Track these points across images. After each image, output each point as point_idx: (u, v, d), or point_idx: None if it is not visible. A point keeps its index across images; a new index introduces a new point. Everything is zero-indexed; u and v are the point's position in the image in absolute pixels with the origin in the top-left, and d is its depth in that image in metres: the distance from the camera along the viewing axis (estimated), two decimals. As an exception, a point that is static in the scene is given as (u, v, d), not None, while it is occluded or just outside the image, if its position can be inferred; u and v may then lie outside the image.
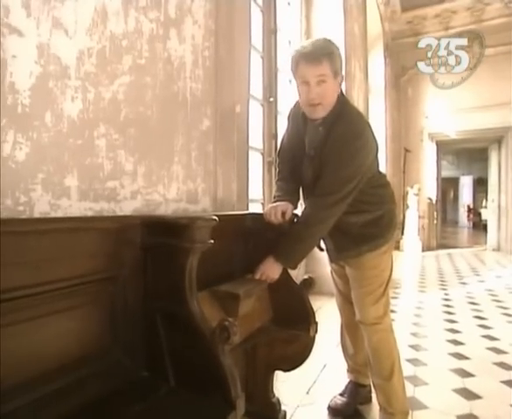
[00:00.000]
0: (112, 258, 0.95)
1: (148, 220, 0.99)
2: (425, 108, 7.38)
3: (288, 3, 3.36)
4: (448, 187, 15.06)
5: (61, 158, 0.90)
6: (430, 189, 7.46)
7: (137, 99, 1.12)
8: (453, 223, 15.42)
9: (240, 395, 0.89)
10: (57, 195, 0.89)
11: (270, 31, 2.95)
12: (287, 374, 1.59)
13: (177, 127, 1.29)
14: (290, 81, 3.25)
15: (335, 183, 1.23)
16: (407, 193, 7.01)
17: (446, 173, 12.66)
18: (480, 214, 13.04)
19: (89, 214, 0.96)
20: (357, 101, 4.50)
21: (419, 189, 6.93)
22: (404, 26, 7.30)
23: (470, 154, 13.05)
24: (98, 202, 0.99)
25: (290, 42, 3.36)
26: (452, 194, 15.97)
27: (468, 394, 1.80)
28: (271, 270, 1.27)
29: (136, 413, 0.89)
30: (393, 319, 2.95)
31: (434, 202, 7.50)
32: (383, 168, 7.01)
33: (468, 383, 1.91)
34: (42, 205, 0.86)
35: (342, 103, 1.29)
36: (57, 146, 0.89)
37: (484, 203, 11.25)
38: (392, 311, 3.22)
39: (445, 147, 8.32)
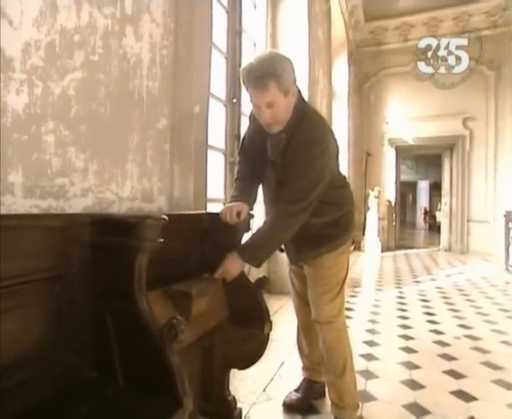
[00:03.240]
0: (59, 257, 0.94)
1: (98, 218, 0.99)
2: (386, 114, 7.77)
3: (254, 6, 3.41)
4: (407, 190, 15.94)
5: (4, 153, 0.87)
6: (389, 192, 7.86)
7: (90, 95, 1.10)
8: (412, 225, 16.32)
9: (188, 393, 0.90)
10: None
11: (235, 33, 2.98)
12: (246, 372, 1.62)
13: (132, 126, 1.28)
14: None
15: (300, 191, 1.26)
16: (368, 195, 7.34)
17: (405, 177, 13.40)
18: (435, 216, 13.93)
19: (35, 211, 0.94)
20: (321, 106, 4.66)
21: (379, 192, 7.28)
22: (367, 36, 7.64)
23: (427, 160, 13.89)
24: (45, 200, 0.97)
25: (255, 44, 3.41)
26: (410, 197, 16.90)
27: (414, 385, 1.94)
28: (232, 265, 1.30)
29: (82, 415, 0.88)
30: (351, 317, 3.11)
31: (393, 204, 7.91)
32: (345, 171, 7.31)
33: (415, 375, 2.06)
34: (-19, 202, 0.83)
35: (303, 110, 1.29)
36: (-1, 140, 0.86)
37: (439, 206, 12.00)
38: (351, 309, 3.37)
39: (404, 153, 8.79)
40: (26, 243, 0.85)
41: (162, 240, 0.96)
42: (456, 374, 2.06)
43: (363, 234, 7.36)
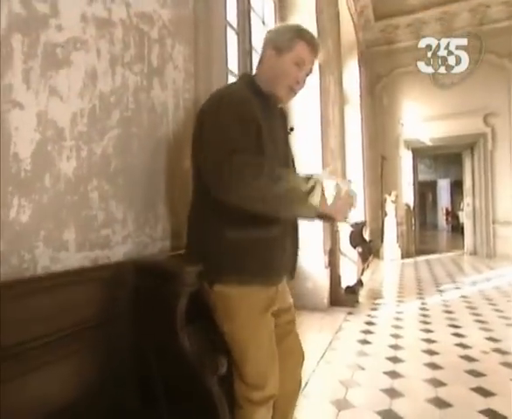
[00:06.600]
0: (107, 302, 1.09)
1: (141, 265, 1.14)
2: (401, 115, 7.84)
3: (263, 23, 3.58)
4: (426, 190, 15.85)
5: (60, 214, 1.03)
6: (407, 196, 7.90)
7: (125, 149, 1.26)
8: (433, 226, 16.21)
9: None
10: (57, 249, 1.02)
11: (245, 53, 3.15)
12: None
13: (162, 170, 1.43)
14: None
15: None
16: (385, 200, 7.39)
17: (423, 176, 13.34)
18: (458, 217, 13.82)
19: (86, 262, 1.10)
20: (333, 114, 4.79)
21: (397, 196, 7.33)
22: (377, 35, 7.74)
23: (447, 158, 13.80)
24: (93, 251, 1.12)
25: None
26: (430, 197, 16.79)
27: (440, 403, 2.03)
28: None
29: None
30: (373, 332, 3.20)
31: (412, 208, 7.94)
32: (360, 176, 7.30)
33: (441, 392, 2.15)
34: (44, 260, 0.98)
35: None
36: (56, 204, 1.02)
37: (461, 206, 11.91)
38: (372, 323, 3.46)
39: (421, 153, 8.82)
40: (83, 295, 1.01)
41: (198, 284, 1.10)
42: (484, 392, 2.13)
43: (382, 241, 7.41)
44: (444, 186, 15.98)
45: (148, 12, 1.42)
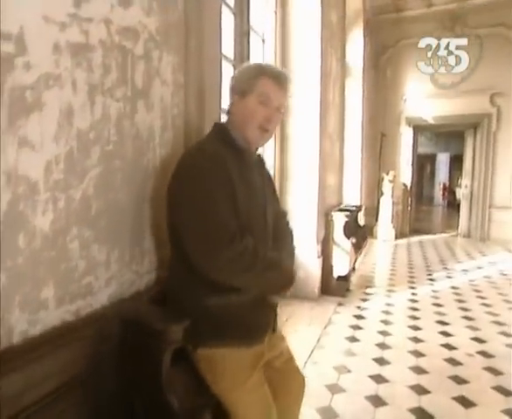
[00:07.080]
0: (93, 358, 1.08)
1: (126, 318, 1.12)
2: (404, 90, 7.61)
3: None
4: (425, 163, 15.79)
5: (37, 274, 0.98)
6: (405, 174, 7.85)
7: (107, 187, 1.19)
8: (429, 201, 16.32)
9: None
10: (34, 311, 0.98)
11: (243, 34, 2.96)
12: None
13: (148, 199, 1.37)
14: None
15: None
16: (382, 179, 7.35)
17: (423, 149, 13.21)
18: (454, 192, 13.88)
19: (66, 316, 1.06)
20: (333, 94, 4.63)
21: (394, 176, 7.28)
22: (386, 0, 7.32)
23: (448, 131, 13.62)
24: (75, 303, 1.09)
25: (264, 41, 3.38)
26: (428, 170, 16.76)
27: (422, 414, 2.12)
28: None
29: None
30: (362, 327, 3.27)
31: (409, 187, 7.92)
32: (358, 154, 7.18)
33: (424, 401, 2.24)
34: (21, 325, 0.95)
35: None
36: (32, 263, 0.97)
37: (459, 181, 11.92)
38: (362, 316, 3.54)
39: (422, 129, 8.66)
40: (66, 356, 0.99)
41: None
42: (466, 402, 2.22)
43: (376, 220, 7.45)
44: (443, 160, 15.91)
45: (132, 25, 1.29)
